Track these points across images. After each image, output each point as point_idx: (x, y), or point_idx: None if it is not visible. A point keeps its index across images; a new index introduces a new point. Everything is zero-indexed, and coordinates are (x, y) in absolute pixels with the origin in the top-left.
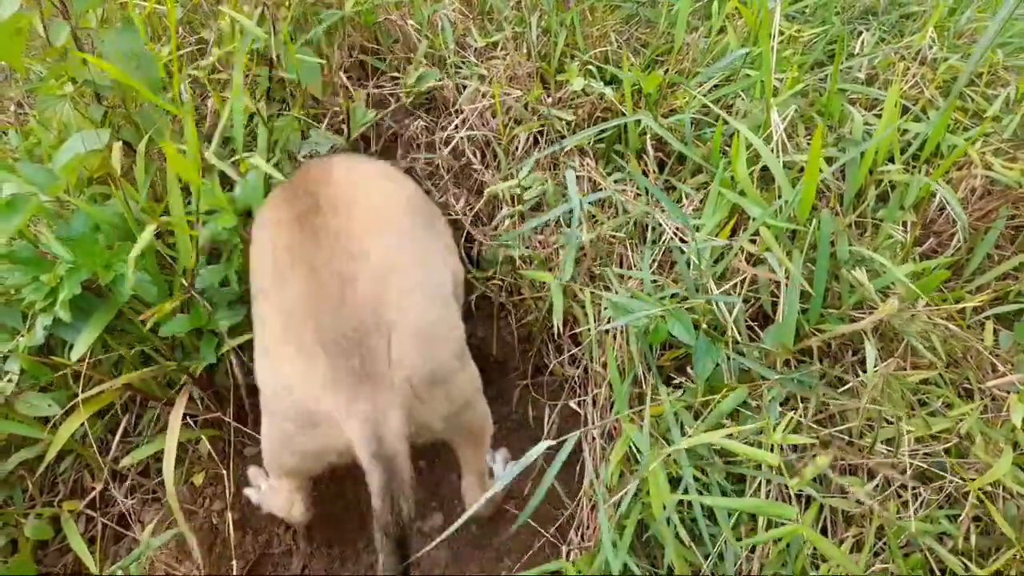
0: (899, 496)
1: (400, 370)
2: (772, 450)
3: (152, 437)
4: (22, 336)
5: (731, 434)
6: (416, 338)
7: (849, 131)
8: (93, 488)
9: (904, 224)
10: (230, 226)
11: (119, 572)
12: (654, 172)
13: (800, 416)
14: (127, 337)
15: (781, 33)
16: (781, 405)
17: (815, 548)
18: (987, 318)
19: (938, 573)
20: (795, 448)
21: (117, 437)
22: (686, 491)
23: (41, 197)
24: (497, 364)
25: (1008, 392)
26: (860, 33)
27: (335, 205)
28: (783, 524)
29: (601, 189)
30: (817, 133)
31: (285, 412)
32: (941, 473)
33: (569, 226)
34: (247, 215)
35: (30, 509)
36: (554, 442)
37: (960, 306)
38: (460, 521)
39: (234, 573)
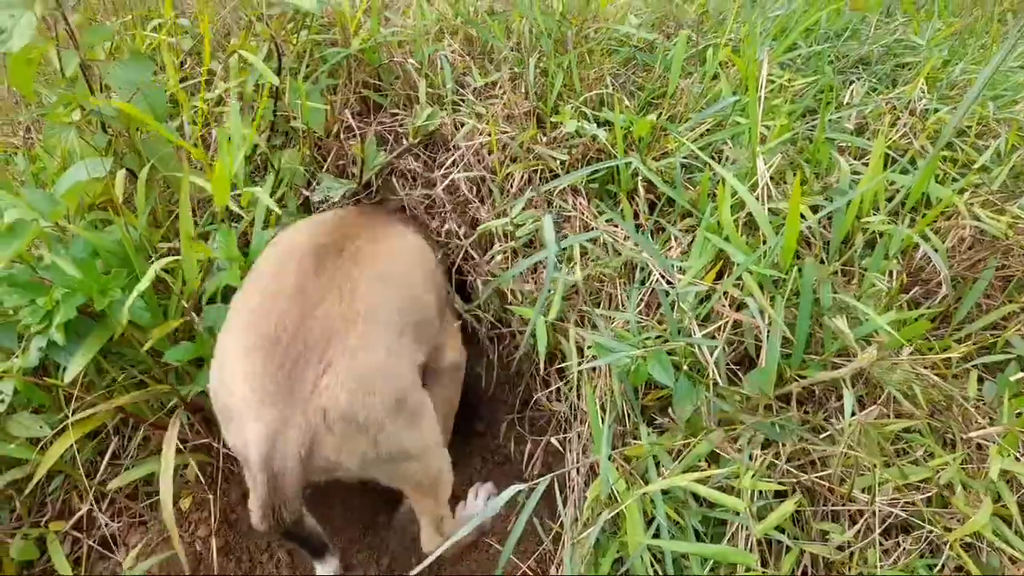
0: (881, 544)
1: (319, 398)
2: (740, 495)
3: (141, 460)
4: (17, 357)
5: (705, 477)
6: (348, 380)
7: (836, 180)
8: (80, 509)
9: (889, 273)
10: (236, 283)
11: None
12: (644, 213)
13: (776, 460)
14: (121, 360)
15: (771, 81)
16: (762, 449)
17: None
18: (974, 367)
19: None
20: (776, 494)
21: (106, 459)
22: (658, 533)
23: (42, 222)
24: (488, 398)
25: (989, 443)
26: (851, 83)
27: (357, 257)
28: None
29: (592, 228)
30: (796, 183)
31: (214, 399)
32: (920, 523)
33: (571, 261)
34: None
35: (16, 529)
36: (524, 486)
37: (944, 356)
38: (419, 568)
39: None
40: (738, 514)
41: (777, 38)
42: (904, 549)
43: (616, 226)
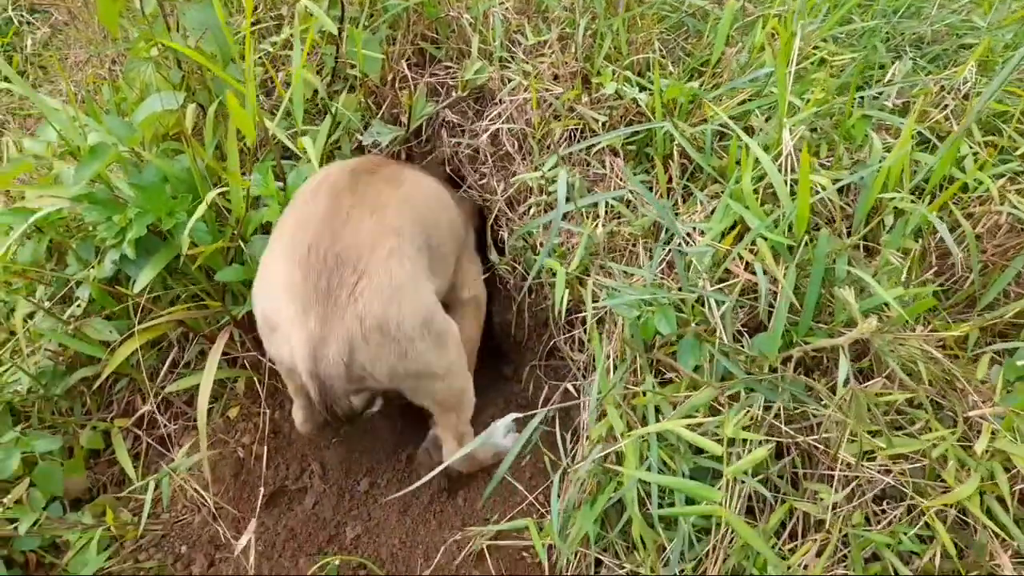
0: (873, 511)
1: (355, 305)
2: (723, 442)
3: (197, 370)
4: (93, 268)
5: (696, 424)
6: (381, 289)
7: (867, 156)
8: (141, 409)
9: (906, 251)
10: (273, 218)
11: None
12: (677, 177)
13: (775, 421)
14: (184, 278)
15: (814, 54)
16: (764, 410)
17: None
18: (993, 352)
19: None
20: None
21: (166, 366)
22: (648, 470)
23: (120, 147)
24: (516, 345)
25: (983, 423)
26: (904, 61)
27: (389, 180)
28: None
29: (623, 188)
30: (804, 154)
31: (259, 311)
32: (911, 493)
33: (593, 220)
34: None
35: (86, 421)
36: (521, 415)
37: (952, 336)
38: (437, 471)
39: (257, 501)
40: (720, 459)
41: (832, 11)
42: (895, 516)
43: (651, 187)
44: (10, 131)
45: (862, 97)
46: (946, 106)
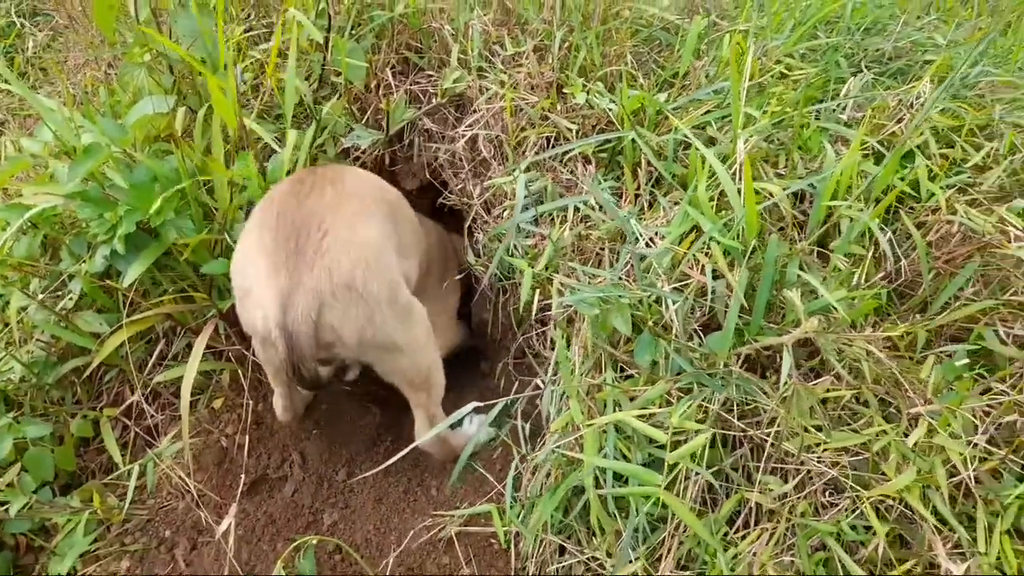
0: (823, 503)
1: (322, 259)
2: (668, 432)
3: (184, 362)
4: (85, 262)
5: (647, 415)
6: (346, 244)
7: (820, 166)
8: (129, 399)
9: (851, 256)
10: (257, 197)
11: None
12: (644, 184)
13: (728, 415)
14: (172, 273)
15: (774, 68)
16: (721, 406)
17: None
18: (941, 353)
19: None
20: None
21: (153, 358)
22: (605, 458)
23: (113, 148)
24: (493, 343)
25: (927, 418)
26: (860, 76)
27: (333, 177)
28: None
29: (592, 194)
30: (747, 164)
31: (234, 281)
32: (853, 485)
33: (561, 224)
34: None
35: (77, 410)
36: (481, 404)
37: (884, 335)
38: (407, 450)
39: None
40: (663, 446)
41: (796, 28)
42: (843, 507)
43: (621, 193)
44: (10, 130)
45: (819, 110)
46: (901, 119)
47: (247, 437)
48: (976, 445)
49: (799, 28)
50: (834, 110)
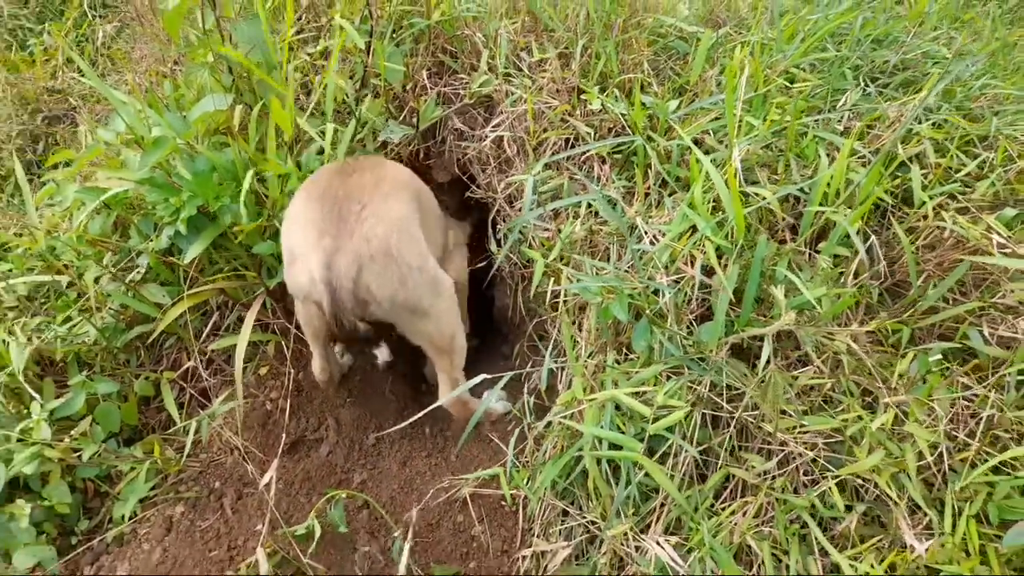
0: (804, 481)
1: (362, 227)
2: (652, 406)
3: (235, 333)
4: (151, 240)
5: (636, 392)
6: (382, 217)
7: (813, 173)
8: (186, 364)
9: (835, 257)
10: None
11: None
12: (653, 184)
13: (717, 398)
14: (227, 253)
15: (776, 80)
16: (711, 389)
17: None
18: (922, 350)
19: (815, 546)
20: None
21: (208, 328)
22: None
23: (178, 140)
24: (513, 327)
25: (895, 408)
26: (865, 88)
27: (373, 165)
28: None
29: (609, 191)
30: (730, 169)
31: (284, 248)
32: (826, 464)
33: (575, 219)
34: None
35: (140, 372)
36: (489, 376)
37: (863, 329)
38: (430, 408)
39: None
40: (645, 419)
41: (805, 40)
42: (821, 487)
43: (633, 192)
44: (80, 114)
45: (818, 120)
46: (897, 129)
47: (288, 402)
48: (956, 437)
49: (808, 40)
50: (828, 121)
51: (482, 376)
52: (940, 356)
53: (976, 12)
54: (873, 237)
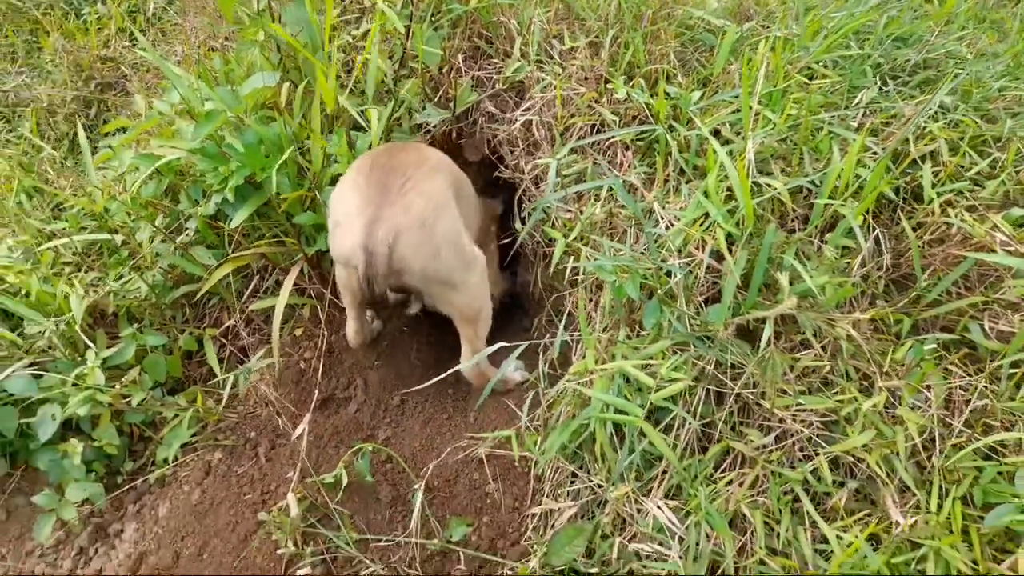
0: (799, 456)
1: (403, 199)
2: (656, 379)
3: (274, 295)
4: (200, 206)
5: (641, 365)
6: (422, 192)
7: (826, 167)
8: (227, 323)
9: (841, 248)
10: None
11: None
12: (673, 171)
13: (721, 376)
14: (269, 220)
15: (796, 77)
16: (716, 367)
17: None
18: (919, 339)
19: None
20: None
21: (249, 290)
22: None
23: (228, 114)
24: (534, 302)
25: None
26: (884, 86)
27: (418, 147)
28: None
29: (626, 178)
30: (740, 163)
31: (330, 216)
32: (808, 439)
33: (596, 201)
34: None
35: (185, 328)
36: (506, 344)
37: (863, 317)
38: (450, 372)
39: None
40: (646, 390)
41: (828, 37)
42: (815, 462)
43: (654, 177)
44: (131, 82)
45: (834, 116)
46: (917, 127)
47: (321, 362)
48: (950, 424)
49: (831, 37)
50: (844, 117)
51: (500, 344)
52: (935, 345)
53: (1006, 12)
54: (878, 230)
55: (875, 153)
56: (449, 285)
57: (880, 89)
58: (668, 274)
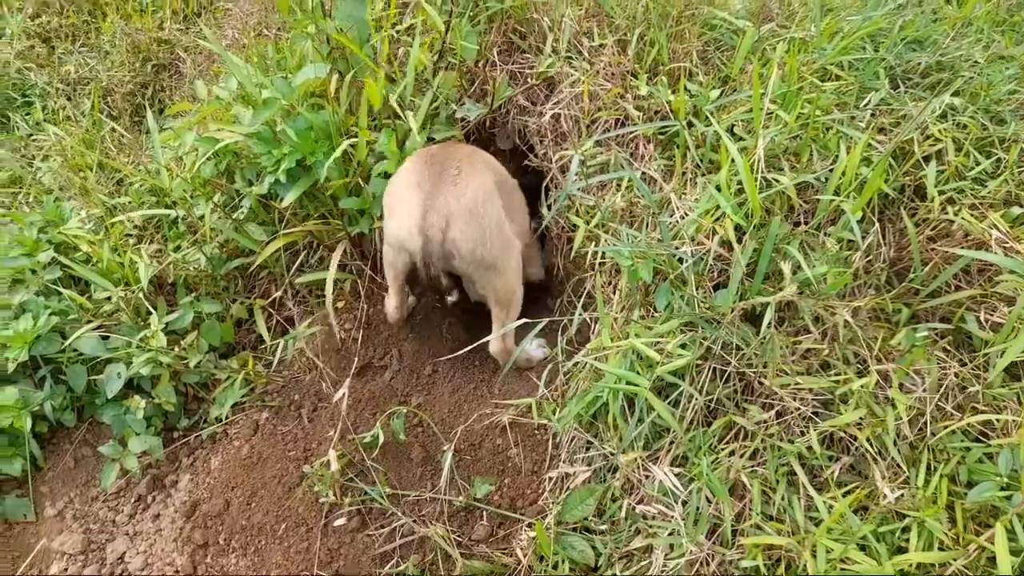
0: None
1: (455, 187)
2: (661, 354)
3: (319, 270)
4: (254, 186)
5: (652, 343)
6: (472, 181)
7: (833, 164)
8: (275, 294)
9: (840, 240)
10: (392, 170)
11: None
12: (691, 165)
13: (727, 355)
14: (316, 201)
15: (808, 78)
16: (722, 347)
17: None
18: (914, 328)
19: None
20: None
21: (296, 265)
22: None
23: (282, 101)
24: (558, 282)
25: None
26: (897, 87)
27: (470, 148)
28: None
29: (647, 169)
30: (746, 161)
31: (385, 206)
32: (803, 416)
33: (617, 190)
34: None
35: (237, 297)
36: (530, 320)
37: (861, 304)
38: (477, 344)
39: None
40: (652, 366)
41: (844, 39)
42: (814, 438)
43: (673, 169)
44: (185, 64)
45: (844, 116)
46: (924, 129)
47: (360, 333)
48: (943, 408)
49: (846, 39)
50: (854, 117)
51: (523, 320)
52: (927, 333)
53: None
54: (876, 225)
55: (881, 152)
56: (493, 269)
57: (892, 91)
58: (680, 260)
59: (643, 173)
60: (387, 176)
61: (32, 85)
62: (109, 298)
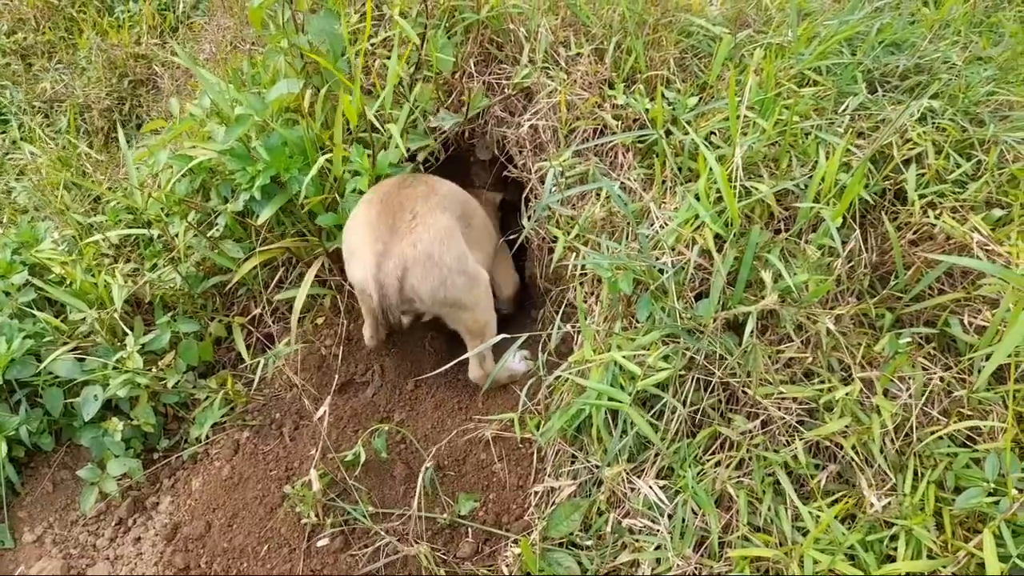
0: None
1: (410, 235)
2: (643, 366)
3: (297, 286)
4: (230, 203)
5: (632, 356)
6: (429, 227)
7: (812, 171)
8: (253, 311)
9: (822, 248)
10: (364, 187)
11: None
12: (672, 174)
13: (710, 366)
14: (292, 217)
15: (787, 84)
16: (705, 358)
17: None
18: (898, 333)
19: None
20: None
21: (274, 282)
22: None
23: (255, 117)
24: (541, 294)
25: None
26: (873, 92)
27: (427, 180)
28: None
29: (626, 179)
30: (722, 170)
31: (345, 245)
32: (787, 424)
33: (596, 201)
34: None
35: (215, 316)
36: (508, 336)
37: (843, 311)
38: (457, 360)
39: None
40: (634, 378)
41: (821, 43)
42: (794, 447)
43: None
44: (162, 79)
45: (822, 122)
46: (903, 133)
47: (341, 349)
48: (929, 413)
49: (823, 44)
50: (831, 123)
51: (502, 336)
52: (910, 339)
53: (1002, 16)
54: (857, 231)
55: (860, 157)
56: (458, 306)
57: (870, 95)
58: (661, 271)
59: (622, 183)
60: (361, 193)
61: (8, 104)
62: (84, 320)
